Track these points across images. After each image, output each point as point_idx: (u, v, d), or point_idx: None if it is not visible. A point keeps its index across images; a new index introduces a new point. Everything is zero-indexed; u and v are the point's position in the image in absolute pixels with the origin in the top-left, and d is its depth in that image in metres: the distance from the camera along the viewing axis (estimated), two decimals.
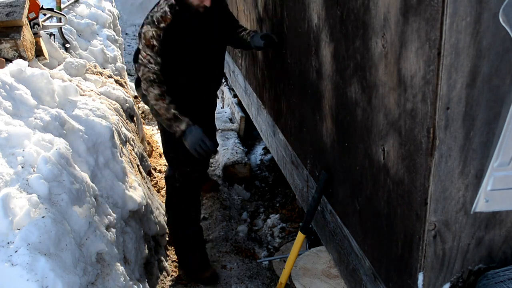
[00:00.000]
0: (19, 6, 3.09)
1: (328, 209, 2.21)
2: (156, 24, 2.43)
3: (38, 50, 3.25)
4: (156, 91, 2.47)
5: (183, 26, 2.50)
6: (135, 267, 2.46)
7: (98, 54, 4.44)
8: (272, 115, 3.12)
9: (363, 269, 1.87)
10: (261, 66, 3.29)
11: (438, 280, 1.43)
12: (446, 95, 1.19)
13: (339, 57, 1.82)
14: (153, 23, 2.43)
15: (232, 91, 5.33)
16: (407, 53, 1.30)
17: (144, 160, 3.72)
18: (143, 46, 2.45)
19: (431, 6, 1.15)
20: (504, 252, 1.44)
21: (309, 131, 2.36)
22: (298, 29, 2.29)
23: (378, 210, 1.64)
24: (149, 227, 3.02)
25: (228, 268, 3.23)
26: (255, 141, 5.02)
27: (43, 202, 1.82)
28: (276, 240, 3.56)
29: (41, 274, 1.59)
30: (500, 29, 1.14)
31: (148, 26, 2.44)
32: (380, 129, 1.54)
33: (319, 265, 2.50)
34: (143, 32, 2.46)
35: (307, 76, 2.25)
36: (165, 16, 2.43)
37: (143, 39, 2.45)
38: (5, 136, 1.99)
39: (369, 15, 1.50)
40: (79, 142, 2.43)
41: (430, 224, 1.34)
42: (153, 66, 2.45)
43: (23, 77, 2.49)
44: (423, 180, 1.31)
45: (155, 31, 2.42)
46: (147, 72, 2.46)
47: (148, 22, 2.46)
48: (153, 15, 2.46)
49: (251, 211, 3.98)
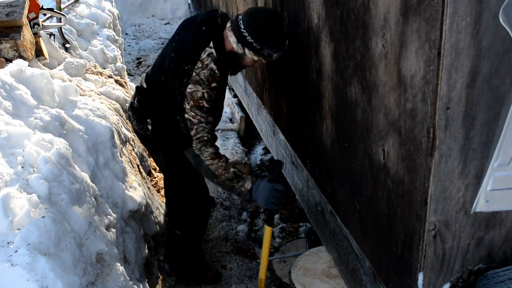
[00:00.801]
0: (19, 6, 3.09)
1: (328, 209, 2.21)
2: (206, 84, 2.24)
3: (38, 50, 3.25)
4: (211, 149, 2.30)
5: (223, 83, 2.36)
6: (135, 267, 2.46)
7: (98, 54, 4.44)
8: (272, 115, 3.12)
9: (363, 269, 1.87)
10: (261, 66, 3.29)
11: (438, 280, 1.43)
12: (446, 95, 1.19)
13: (339, 57, 1.82)
14: (203, 83, 2.24)
15: (232, 91, 5.33)
16: (407, 53, 1.30)
17: (144, 160, 3.72)
18: (191, 107, 2.26)
19: (431, 6, 1.15)
20: (504, 252, 1.44)
21: (309, 131, 2.36)
22: (298, 29, 2.29)
23: (378, 210, 1.64)
24: (149, 227, 3.02)
25: (228, 268, 3.24)
26: (255, 141, 5.02)
27: (43, 202, 1.82)
28: (276, 240, 3.56)
29: (41, 274, 1.59)
30: (500, 29, 1.14)
31: (198, 86, 2.24)
32: (380, 129, 1.54)
33: (319, 265, 2.50)
34: (189, 92, 2.25)
35: (307, 76, 2.25)
36: (215, 75, 2.25)
37: (190, 100, 2.25)
38: (5, 136, 1.99)
39: (369, 15, 1.50)
40: (79, 142, 2.43)
41: (430, 224, 1.34)
42: (204, 126, 2.29)
43: (23, 77, 2.49)
44: (423, 180, 1.31)
45: (206, 92, 2.25)
46: (201, 131, 2.28)
47: (195, 81, 2.24)
48: (199, 73, 2.24)
49: (251, 211, 3.98)
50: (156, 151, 2.75)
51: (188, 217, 2.82)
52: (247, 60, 2.35)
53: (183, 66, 2.30)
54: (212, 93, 2.26)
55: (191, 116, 2.27)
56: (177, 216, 2.89)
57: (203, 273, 3.04)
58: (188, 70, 2.27)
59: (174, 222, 2.94)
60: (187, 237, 2.91)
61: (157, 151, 2.73)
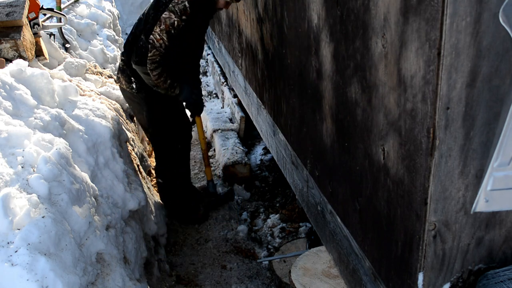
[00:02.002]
0: (19, 6, 3.10)
1: (328, 209, 2.21)
2: (179, 14, 2.75)
3: (38, 50, 3.25)
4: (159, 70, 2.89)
5: (195, 22, 2.88)
6: (135, 267, 2.46)
7: (98, 54, 4.44)
8: (272, 115, 3.12)
9: (363, 269, 1.87)
10: (261, 66, 3.29)
11: (438, 280, 1.43)
12: (446, 95, 1.19)
13: (339, 57, 1.82)
14: (177, 13, 2.75)
15: (232, 91, 5.33)
16: (407, 53, 1.30)
17: (144, 160, 3.72)
18: (161, 30, 2.76)
19: (431, 6, 1.15)
20: (504, 252, 1.44)
21: (309, 131, 2.36)
22: (298, 29, 2.29)
23: (378, 210, 1.64)
24: (149, 227, 3.02)
25: (228, 268, 3.24)
26: (255, 141, 5.02)
27: (43, 202, 1.82)
28: (276, 240, 3.56)
29: (41, 274, 1.59)
30: (500, 29, 1.14)
31: (172, 14, 2.75)
32: (380, 129, 1.54)
33: (319, 265, 2.50)
34: (163, 17, 2.75)
35: (307, 76, 2.25)
36: (186, 10, 2.76)
37: (163, 24, 2.75)
38: (5, 136, 1.99)
39: (369, 15, 1.50)
40: (79, 142, 2.43)
41: (430, 224, 1.34)
42: (162, 49, 2.81)
43: (23, 77, 2.49)
44: (423, 180, 1.31)
45: (177, 21, 2.76)
46: (157, 54, 2.81)
47: (171, 10, 2.75)
48: (175, 5, 2.75)
49: (251, 211, 3.98)
50: (140, 109, 3.25)
51: (174, 158, 3.38)
52: (220, 2, 2.96)
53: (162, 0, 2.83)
54: (181, 24, 2.78)
55: (155, 39, 2.79)
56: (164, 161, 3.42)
57: (194, 214, 3.64)
58: (165, 2, 2.81)
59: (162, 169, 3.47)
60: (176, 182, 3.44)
61: (141, 108, 3.23)
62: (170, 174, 3.43)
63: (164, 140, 3.32)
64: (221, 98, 5.85)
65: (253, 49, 3.48)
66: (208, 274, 3.19)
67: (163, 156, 3.41)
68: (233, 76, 4.63)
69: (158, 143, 3.38)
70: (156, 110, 3.18)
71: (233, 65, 4.52)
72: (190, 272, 3.22)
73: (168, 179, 3.46)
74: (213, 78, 6.56)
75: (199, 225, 3.66)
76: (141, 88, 3.10)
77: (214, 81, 6.51)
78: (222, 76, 5.83)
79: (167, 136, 3.30)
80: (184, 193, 3.59)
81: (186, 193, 3.60)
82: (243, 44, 3.88)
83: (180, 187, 3.51)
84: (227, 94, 5.46)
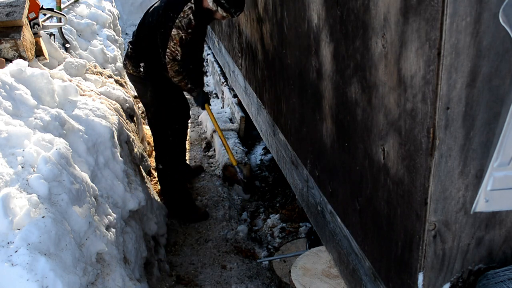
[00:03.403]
0: (19, 6, 3.10)
1: (328, 209, 2.21)
2: (185, 29, 3.15)
3: (38, 50, 3.25)
4: (180, 76, 3.33)
5: (199, 31, 3.31)
6: (135, 267, 2.46)
7: (98, 54, 4.44)
8: (272, 115, 3.12)
9: (363, 269, 1.87)
10: (261, 66, 3.29)
11: (438, 280, 1.43)
12: (446, 95, 1.19)
13: (339, 57, 1.82)
14: (183, 28, 3.15)
15: (232, 91, 5.33)
16: (407, 53, 1.30)
17: (144, 160, 3.72)
18: (174, 44, 3.19)
19: (431, 6, 1.15)
20: (504, 252, 1.44)
21: (309, 131, 2.36)
22: (298, 29, 2.29)
23: (378, 210, 1.64)
24: (149, 227, 3.02)
25: (228, 268, 3.24)
26: (255, 141, 5.02)
27: (43, 202, 1.82)
28: (276, 240, 3.56)
29: (41, 274, 1.59)
30: (500, 29, 1.14)
31: (179, 30, 3.16)
32: (380, 129, 1.54)
33: (319, 265, 2.50)
34: (173, 35, 3.18)
35: (307, 76, 2.25)
36: (191, 23, 3.15)
37: (174, 39, 3.18)
38: (5, 136, 1.99)
39: (369, 15, 1.50)
40: (79, 142, 2.43)
41: (430, 224, 1.34)
42: (179, 59, 3.24)
43: (23, 77, 2.49)
44: (423, 180, 1.31)
45: (184, 36, 3.16)
46: (176, 65, 3.25)
47: (177, 26, 3.15)
48: (181, 20, 3.15)
49: (251, 211, 3.98)
50: (145, 89, 3.56)
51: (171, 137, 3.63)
52: (217, 15, 3.26)
53: (169, 13, 3.20)
54: (188, 37, 3.18)
55: (170, 51, 3.22)
56: (162, 142, 3.66)
57: (194, 213, 3.79)
58: (172, 17, 3.17)
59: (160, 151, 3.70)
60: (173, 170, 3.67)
61: (146, 88, 3.54)
62: (168, 157, 3.68)
63: (164, 119, 3.58)
64: (221, 98, 5.85)
65: (253, 49, 3.48)
66: (208, 274, 3.19)
67: (161, 136, 3.65)
68: (233, 76, 4.63)
69: (158, 122, 3.62)
70: (159, 90, 3.51)
71: (233, 65, 4.52)
72: (190, 272, 3.22)
73: (167, 163, 3.69)
74: (213, 78, 6.57)
75: (199, 222, 3.76)
76: (148, 71, 3.45)
77: (214, 81, 6.51)
78: (222, 76, 5.83)
79: (167, 115, 3.57)
80: (184, 192, 3.78)
81: (185, 191, 3.80)
82: (243, 44, 3.89)
83: (177, 173, 3.74)
84: (227, 94, 5.46)
